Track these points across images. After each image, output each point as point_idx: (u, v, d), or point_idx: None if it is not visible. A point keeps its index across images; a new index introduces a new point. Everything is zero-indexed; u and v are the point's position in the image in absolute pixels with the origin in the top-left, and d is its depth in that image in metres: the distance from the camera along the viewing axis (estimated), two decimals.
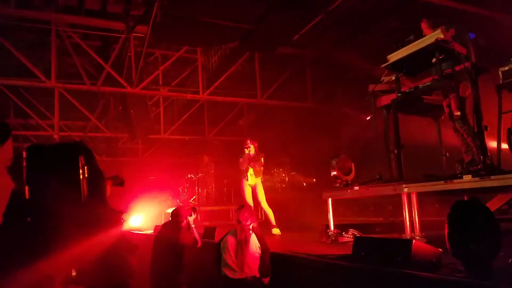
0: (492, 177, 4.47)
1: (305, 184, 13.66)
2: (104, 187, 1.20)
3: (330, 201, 6.80)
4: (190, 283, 6.09)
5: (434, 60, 5.44)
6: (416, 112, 6.78)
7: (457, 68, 5.57)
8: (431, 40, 5.40)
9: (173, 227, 6.36)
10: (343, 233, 6.69)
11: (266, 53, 13.87)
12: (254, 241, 5.15)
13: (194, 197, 13.97)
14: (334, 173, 6.98)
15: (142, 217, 11.96)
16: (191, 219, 6.51)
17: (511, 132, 5.20)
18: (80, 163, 1.10)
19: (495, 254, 3.37)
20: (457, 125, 5.90)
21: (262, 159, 8.77)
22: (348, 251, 4.66)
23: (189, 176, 14.72)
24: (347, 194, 6.69)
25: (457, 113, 5.74)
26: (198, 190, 13.57)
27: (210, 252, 5.62)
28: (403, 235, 5.22)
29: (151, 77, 13.97)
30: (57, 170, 1.11)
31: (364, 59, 10.26)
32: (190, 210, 6.64)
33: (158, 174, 16.31)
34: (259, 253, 5.09)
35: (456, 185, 4.80)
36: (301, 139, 13.45)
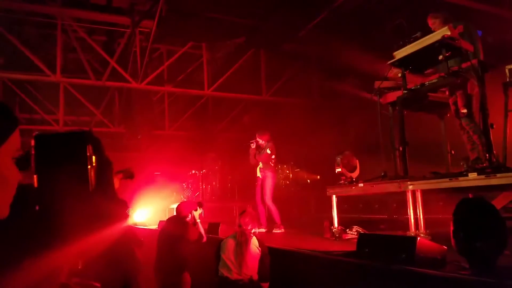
0: (498, 175, 4.46)
1: (309, 180, 13.64)
2: (112, 178, 1.19)
3: (334, 197, 6.79)
4: (194, 278, 6.08)
5: (440, 57, 5.42)
6: (422, 109, 6.75)
7: (464, 65, 5.55)
8: (438, 37, 5.37)
9: (178, 222, 6.33)
10: (347, 229, 6.68)
11: (272, 49, 13.86)
12: (254, 242, 5.17)
13: (198, 193, 13.99)
14: (338, 169, 6.98)
15: (147, 212, 12.00)
16: (196, 213, 6.46)
17: None
18: (88, 152, 1.10)
19: (500, 252, 3.36)
20: (463, 122, 5.87)
21: (268, 150, 8.54)
22: (352, 247, 4.66)
23: (193, 172, 14.73)
24: (352, 191, 6.69)
25: (463, 110, 5.70)
26: (202, 186, 13.58)
27: (213, 248, 5.63)
28: (408, 232, 5.21)
29: (156, 72, 13.96)
30: (65, 160, 1.10)
31: (369, 55, 10.22)
32: (195, 205, 6.61)
33: (163, 170, 16.33)
34: (259, 254, 5.10)
35: (461, 182, 4.79)
36: (306, 135, 13.42)
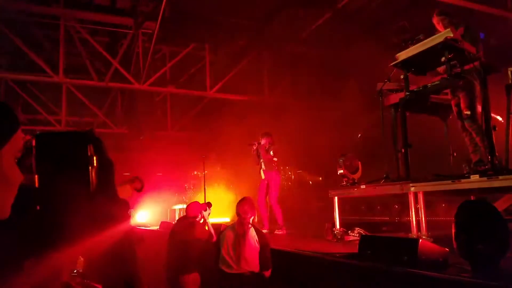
0: (500, 177, 4.44)
1: (311, 182, 13.62)
2: (113, 178, 1.20)
3: (336, 199, 6.79)
4: (203, 277, 6.09)
5: (443, 59, 5.41)
6: (424, 111, 6.74)
7: (467, 67, 5.54)
8: (440, 39, 5.36)
9: (188, 222, 6.39)
10: (349, 231, 6.67)
11: (275, 51, 13.86)
12: (252, 235, 5.08)
13: (200, 194, 13.95)
14: (341, 171, 6.98)
15: (148, 213, 12.01)
16: (206, 213, 6.59)
17: None
18: (89, 152, 1.10)
19: (503, 255, 3.35)
20: (467, 124, 5.84)
21: (272, 152, 8.62)
22: (354, 249, 4.66)
23: (195, 173, 14.70)
24: (354, 192, 6.68)
25: (467, 112, 5.68)
26: (204, 187, 13.55)
27: (213, 248, 5.63)
28: (410, 234, 5.20)
29: (158, 73, 13.97)
30: (66, 160, 1.10)
31: (372, 57, 10.21)
32: (205, 205, 6.73)
33: (165, 171, 16.33)
34: (257, 247, 5.02)
35: (464, 185, 4.78)
36: (308, 137, 13.40)
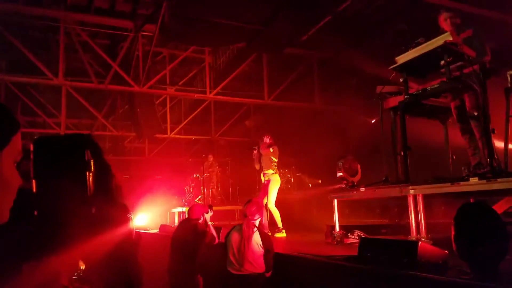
0: (499, 179, 4.45)
1: (310, 185, 13.62)
2: (111, 182, 1.20)
3: (335, 202, 6.78)
4: (206, 279, 6.09)
5: (442, 63, 5.41)
6: (424, 114, 6.74)
7: (466, 71, 5.54)
8: (440, 43, 5.37)
9: (190, 225, 6.40)
10: (348, 234, 6.67)
11: (274, 54, 13.87)
12: (256, 239, 5.06)
13: (200, 196, 13.96)
14: (340, 174, 6.97)
15: (147, 216, 12.00)
16: (207, 216, 6.62)
17: None
18: (86, 157, 1.10)
19: (502, 257, 3.34)
20: (473, 124, 5.81)
21: (272, 156, 8.57)
22: (353, 252, 4.65)
23: (194, 175, 14.71)
24: (353, 195, 6.67)
25: (474, 112, 5.63)
26: (203, 190, 13.55)
27: (216, 250, 5.62)
28: (409, 236, 5.20)
29: (158, 76, 14.01)
30: (63, 164, 1.10)
31: (371, 60, 10.22)
32: (206, 208, 6.78)
33: (164, 174, 16.35)
34: (261, 251, 5.02)
35: (463, 187, 4.78)
36: (308, 139, 13.42)
